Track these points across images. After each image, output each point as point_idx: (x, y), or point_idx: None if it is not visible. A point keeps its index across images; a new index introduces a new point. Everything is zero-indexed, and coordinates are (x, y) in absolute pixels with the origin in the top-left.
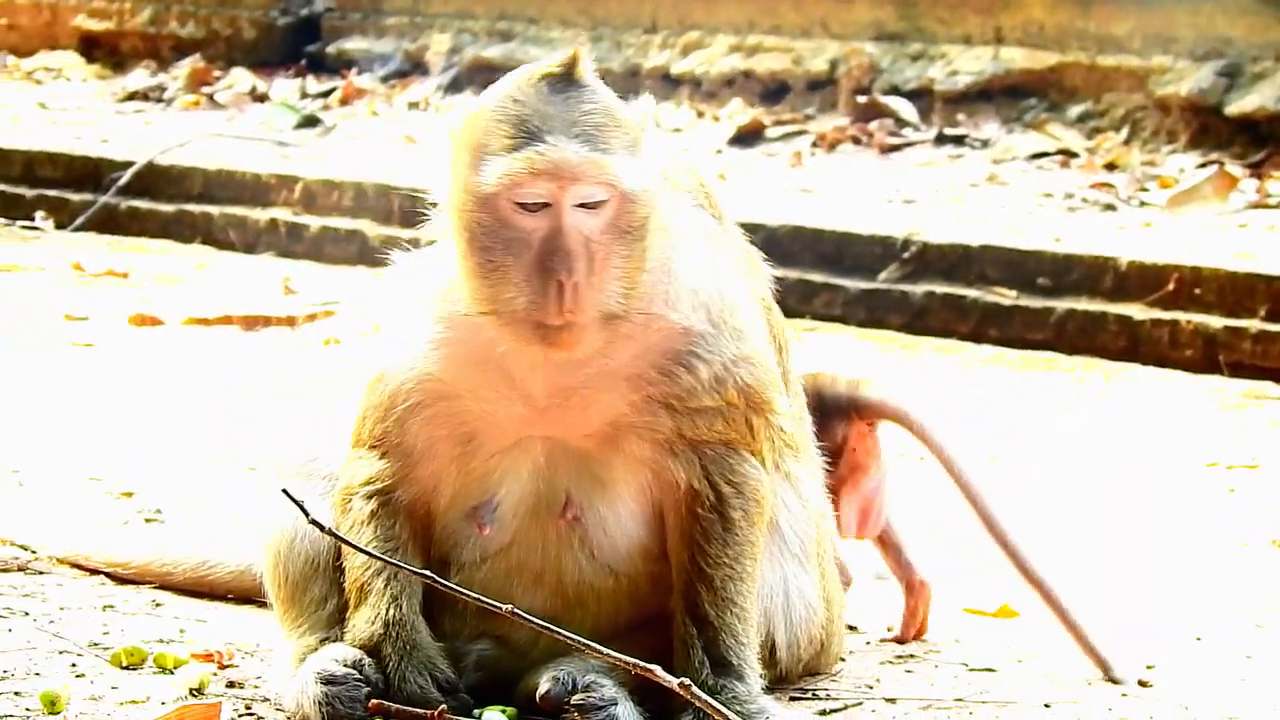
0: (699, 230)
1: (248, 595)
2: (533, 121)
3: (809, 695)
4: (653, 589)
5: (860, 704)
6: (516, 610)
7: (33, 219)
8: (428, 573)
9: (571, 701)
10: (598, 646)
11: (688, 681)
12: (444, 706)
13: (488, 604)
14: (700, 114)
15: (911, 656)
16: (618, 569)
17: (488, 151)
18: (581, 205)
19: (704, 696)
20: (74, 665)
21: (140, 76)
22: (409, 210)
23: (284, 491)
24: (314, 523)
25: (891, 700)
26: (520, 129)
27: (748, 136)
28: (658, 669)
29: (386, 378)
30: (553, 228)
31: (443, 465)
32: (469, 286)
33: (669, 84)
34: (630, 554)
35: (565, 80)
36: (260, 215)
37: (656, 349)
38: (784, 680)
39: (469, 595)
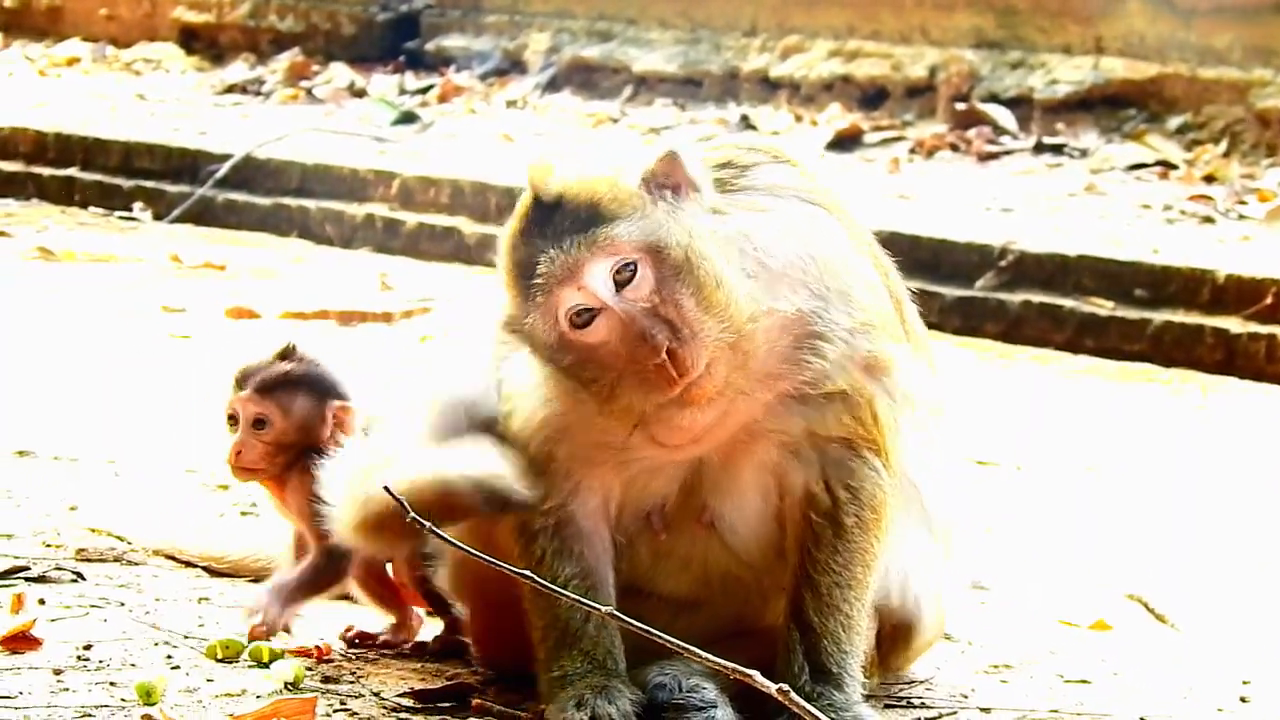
0: (769, 212)
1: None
2: (526, 259)
3: (903, 703)
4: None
5: (955, 713)
6: (615, 613)
7: (130, 209)
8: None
9: (673, 702)
10: (698, 651)
11: (786, 688)
12: None
13: (589, 605)
14: (798, 118)
15: (1006, 667)
16: (753, 565)
17: (517, 309)
18: (619, 286)
19: (800, 702)
20: (169, 657)
21: (239, 69)
22: (506, 208)
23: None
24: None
25: (986, 710)
26: (522, 274)
27: (845, 141)
28: (756, 674)
29: (517, 416)
30: (614, 323)
31: (605, 476)
32: (590, 405)
33: (767, 87)
34: (763, 552)
35: (538, 199)
36: (357, 210)
37: (776, 345)
38: (899, 670)
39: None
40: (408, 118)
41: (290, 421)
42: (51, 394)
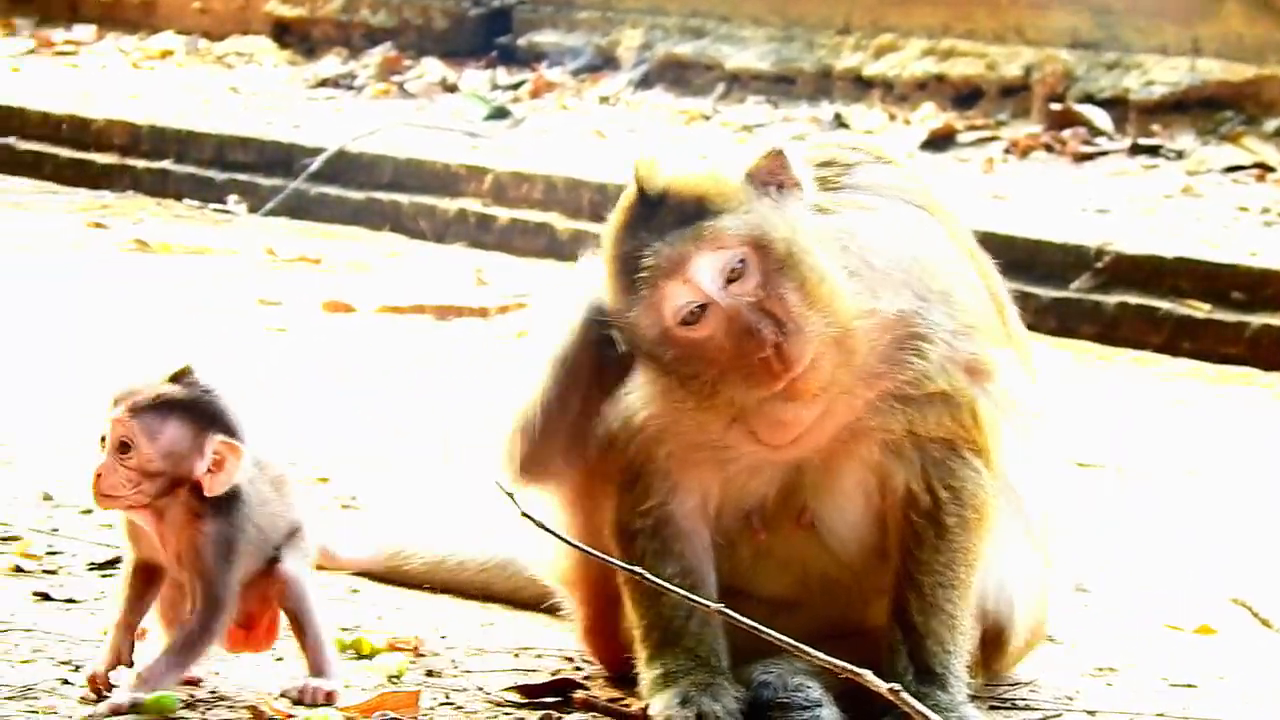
0: (872, 211)
1: (444, 586)
2: (630, 254)
3: (1008, 705)
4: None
5: (1060, 715)
6: (725, 610)
7: (224, 202)
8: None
9: (777, 700)
10: (810, 650)
11: (898, 687)
12: None
13: (698, 601)
14: (892, 117)
15: (1111, 670)
16: (853, 566)
17: (619, 304)
18: (725, 281)
19: (912, 702)
20: (272, 650)
21: (331, 63)
22: (599, 204)
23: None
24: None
25: (1092, 713)
26: (626, 269)
27: (939, 141)
28: (868, 673)
29: (618, 416)
30: (719, 317)
31: (704, 477)
32: (689, 402)
33: (861, 86)
34: (863, 553)
35: (643, 193)
36: (449, 205)
37: (878, 344)
38: (999, 672)
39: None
40: (500, 113)
41: (156, 448)
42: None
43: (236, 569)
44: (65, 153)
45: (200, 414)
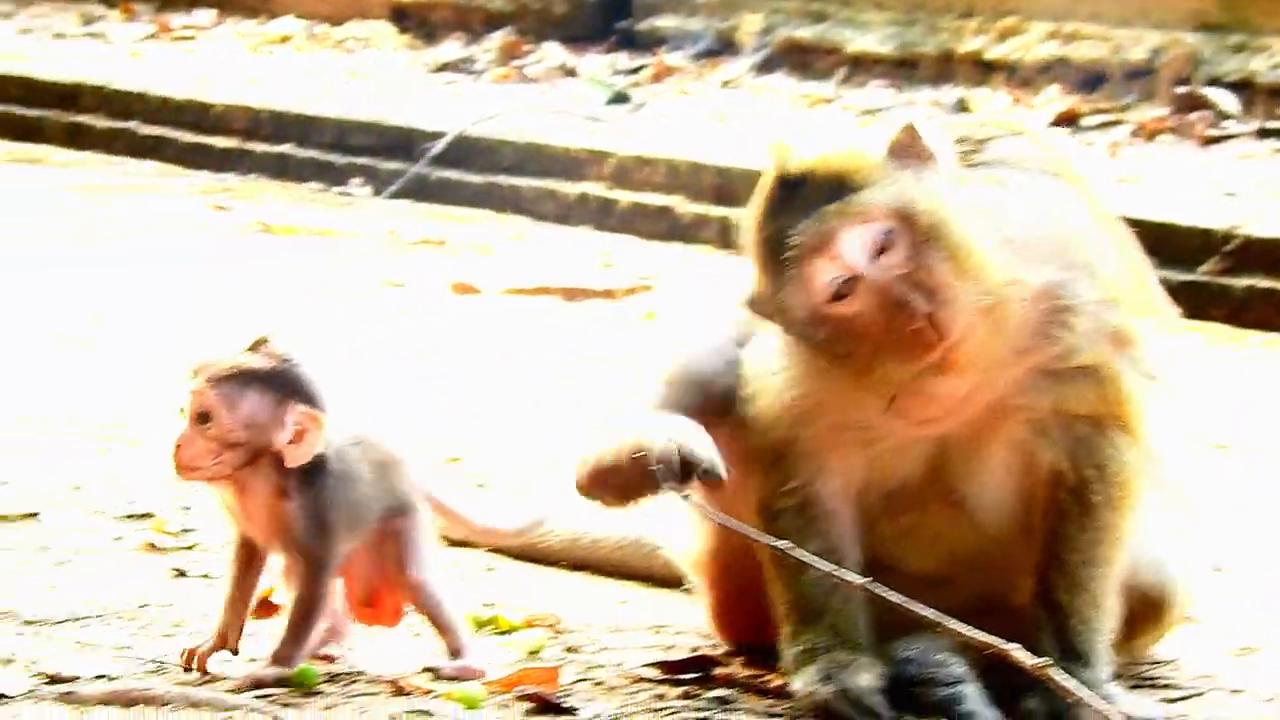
0: (1012, 184)
1: (580, 563)
2: (775, 235)
3: (1149, 684)
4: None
5: (1202, 694)
6: (872, 584)
7: (344, 185)
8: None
9: (920, 676)
10: (959, 625)
11: (1047, 662)
12: None
13: (846, 576)
14: (1016, 100)
15: (1252, 650)
16: (998, 544)
17: (766, 287)
18: (873, 254)
19: (1061, 678)
20: (410, 623)
21: (451, 48)
22: (721, 189)
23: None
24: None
25: (1237, 691)
26: (771, 251)
27: (1064, 125)
28: (1017, 648)
29: (762, 398)
30: (870, 291)
31: (848, 456)
32: (838, 381)
33: (984, 69)
34: (1009, 531)
35: (783, 177)
36: (571, 189)
37: (1025, 317)
38: (1141, 651)
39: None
40: (620, 98)
41: (236, 419)
42: None
43: (333, 539)
44: (186, 136)
45: (280, 384)
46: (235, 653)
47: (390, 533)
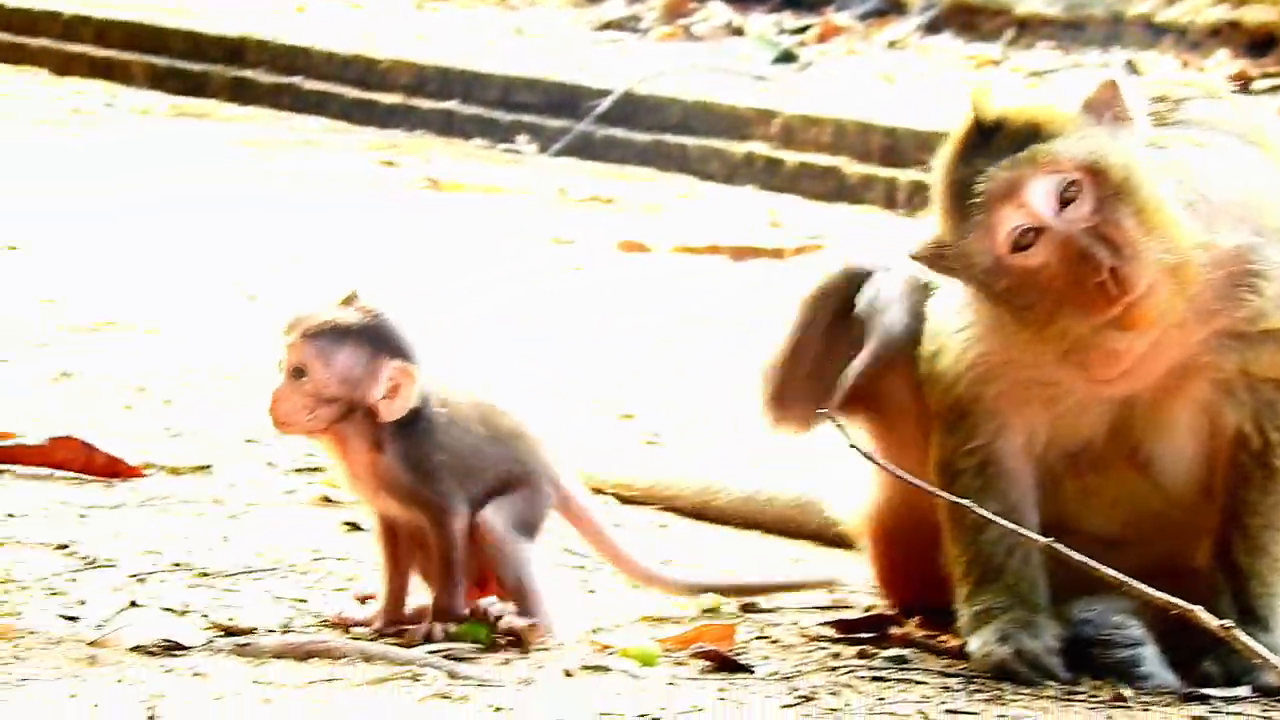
0: (1205, 146)
1: (753, 522)
2: (964, 180)
3: None
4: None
5: None
6: (1055, 544)
7: (512, 142)
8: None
9: (1098, 637)
10: (1140, 585)
11: (1230, 624)
12: None
13: (1028, 535)
14: (1185, 64)
15: None
16: (1180, 506)
17: (951, 234)
18: (1061, 205)
19: (1244, 639)
20: (585, 580)
21: (616, 5)
22: (888, 149)
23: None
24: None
25: None
26: (959, 196)
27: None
28: (1199, 610)
29: (944, 356)
30: (1054, 243)
31: (1031, 416)
32: (1020, 336)
33: (1152, 32)
34: (1190, 493)
35: (978, 122)
36: (737, 148)
37: (1213, 279)
38: None
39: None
40: (787, 57)
41: (331, 373)
42: (448, 324)
43: (441, 483)
44: (351, 92)
45: (374, 338)
46: (397, 622)
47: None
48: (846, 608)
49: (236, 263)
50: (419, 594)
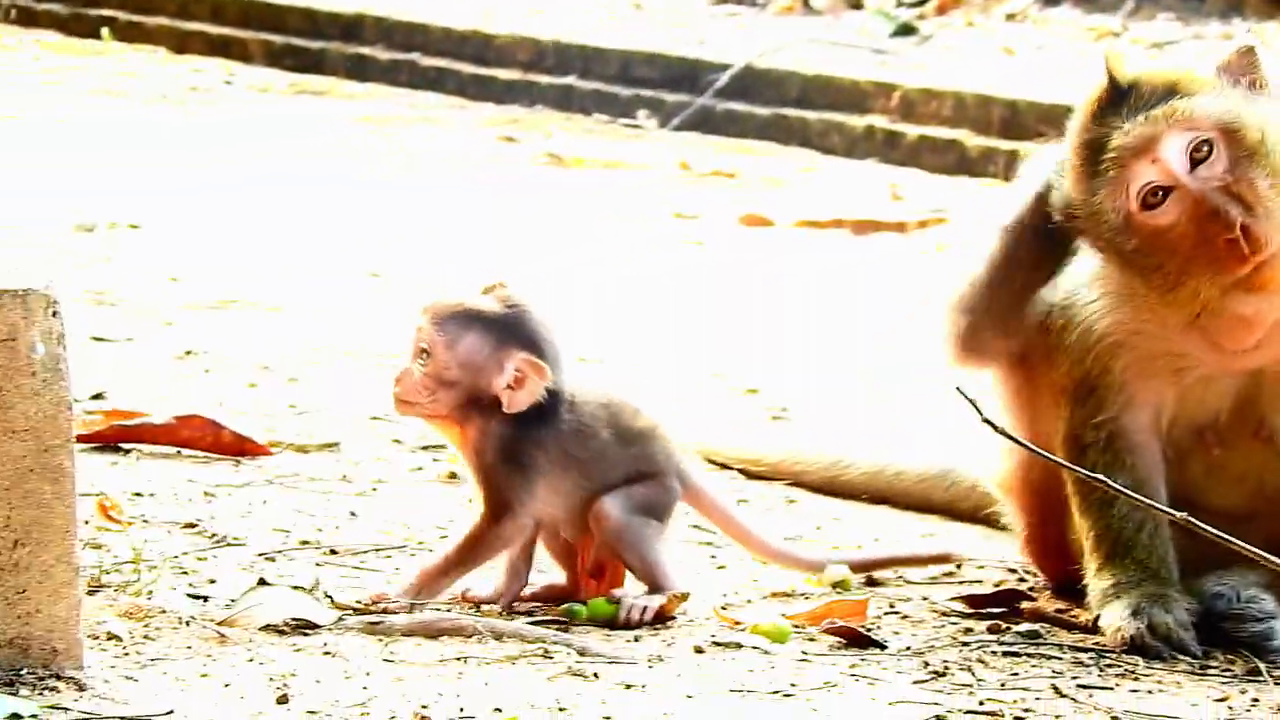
0: None
1: (881, 497)
2: (1097, 138)
3: None
4: None
5: None
6: (1190, 519)
7: (632, 117)
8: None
9: (1231, 611)
10: (1272, 558)
11: None
12: None
13: (1161, 510)
14: None
15: None
16: None
17: (1082, 192)
18: (1194, 164)
19: None
20: (714, 557)
21: None
22: (1008, 121)
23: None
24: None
25: None
26: (1091, 154)
27: None
28: None
29: (1073, 328)
30: (1186, 201)
31: (1159, 389)
32: (1148, 302)
33: (1273, 3)
34: None
35: (1112, 82)
36: (857, 122)
37: None
38: None
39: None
40: (906, 30)
41: (452, 356)
42: (572, 298)
43: (529, 485)
44: (468, 68)
45: (504, 328)
46: (510, 611)
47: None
48: (977, 583)
49: (358, 240)
50: (550, 573)
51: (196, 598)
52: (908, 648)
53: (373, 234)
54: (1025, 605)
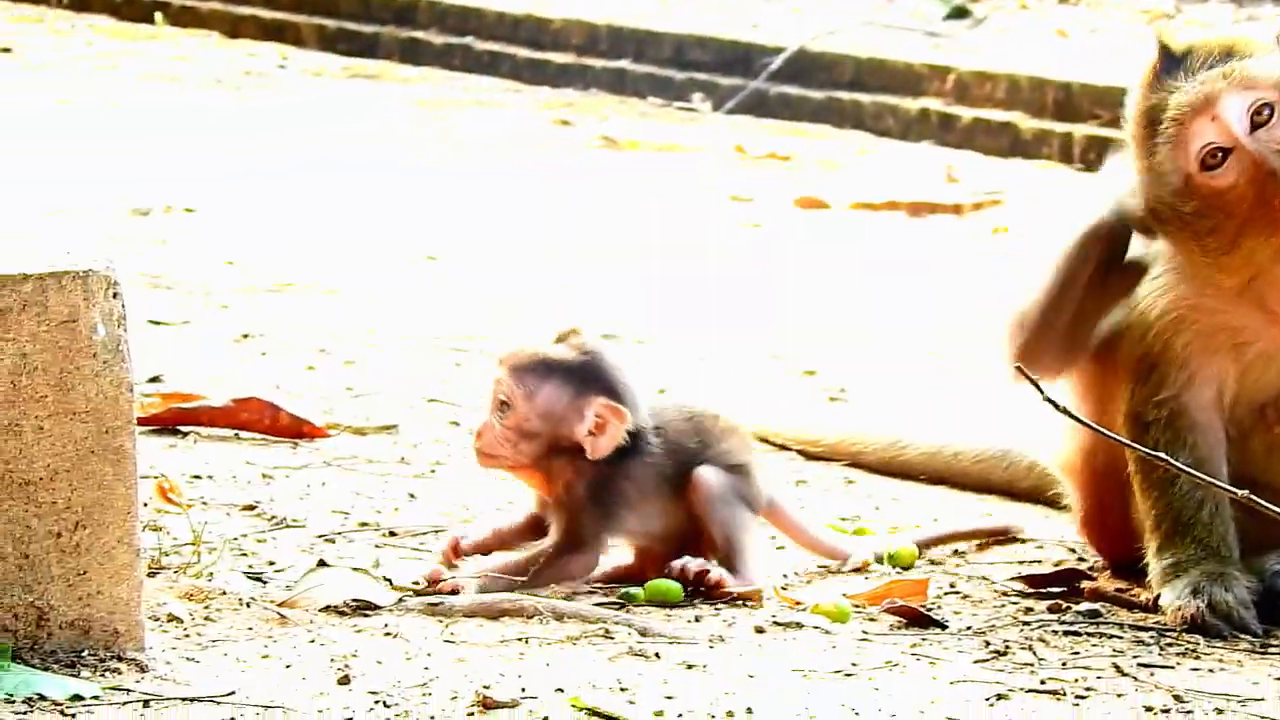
0: None
1: (939, 477)
2: (1155, 104)
3: None
4: None
5: None
6: (1252, 497)
7: (686, 100)
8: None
9: None
10: None
11: None
12: None
13: (1223, 488)
14: None
15: None
16: None
17: (1141, 159)
18: (1253, 127)
19: None
20: (773, 537)
21: None
22: (1063, 104)
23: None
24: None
25: None
26: (1150, 120)
27: None
28: None
29: (1134, 306)
30: (1245, 163)
31: (1220, 366)
32: (1206, 268)
33: None
34: None
35: (1167, 52)
36: (912, 104)
37: None
38: None
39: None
40: (960, 12)
41: (533, 408)
42: (625, 280)
43: (617, 515)
44: (522, 52)
45: (581, 375)
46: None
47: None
48: (1036, 562)
49: (414, 223)
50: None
51: (256, 579)
52: (968, 627)
53: (428, 217)
54: (1085, 584)
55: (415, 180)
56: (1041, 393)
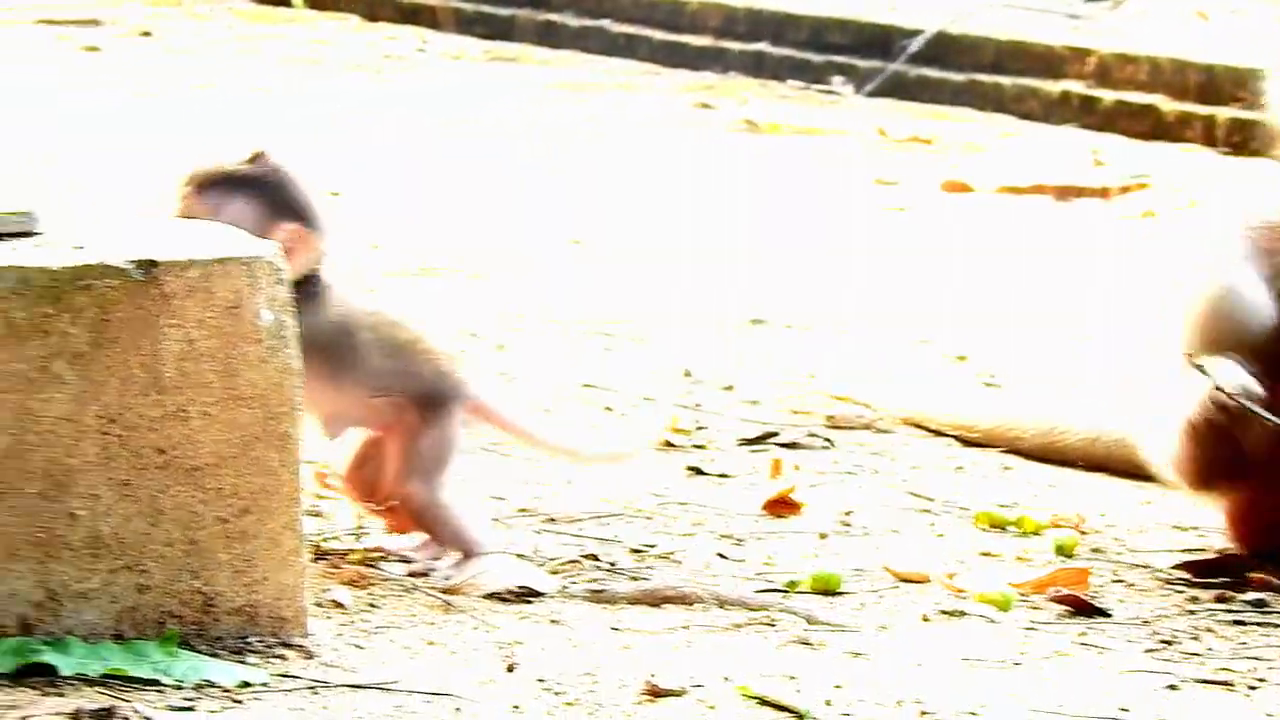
0: None
1: (1098, 464)
2: None
3: None
4: None
5: None
6: None
7: (826, 83)
8: None
9: None
10: None
11: None
12: None
13: None
14: None
15: None
16: None
17: None
18: None
19: None
20: (932, 525)
21: None
22: (1204, 86)
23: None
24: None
25: None
26: None
27: None
28: None
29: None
30: None
31: None
32: None
33: None
34: None
35: None
36: (1052, 87)
37: None
38: None
39: None
40: None
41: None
42: (771, 263)
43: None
44: (659, 35)
45: (269, 195)
46: None
47: (399, 426)
48: (1198, 550)
49: (558, 206)
50: None
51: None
52: (1135, 616)
53: (572, 201)
54: (1251, 574)
55: (557, 163)
56: (1215, 382)
